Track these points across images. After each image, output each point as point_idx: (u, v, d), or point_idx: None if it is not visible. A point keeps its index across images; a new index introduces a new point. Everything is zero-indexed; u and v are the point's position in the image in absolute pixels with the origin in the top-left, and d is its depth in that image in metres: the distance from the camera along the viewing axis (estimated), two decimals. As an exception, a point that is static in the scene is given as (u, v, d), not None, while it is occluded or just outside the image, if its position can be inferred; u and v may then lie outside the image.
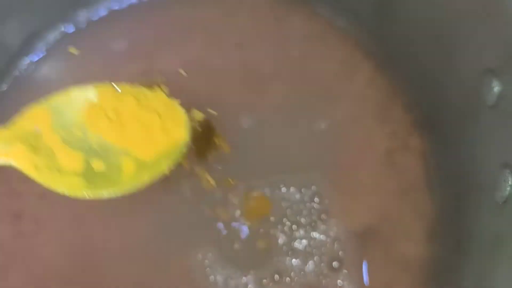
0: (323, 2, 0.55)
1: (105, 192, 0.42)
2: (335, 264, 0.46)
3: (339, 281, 0.46)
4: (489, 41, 0.39)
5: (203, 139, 0.49)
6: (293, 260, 0.46)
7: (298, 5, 0.55)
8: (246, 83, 0.53)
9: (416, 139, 0.50)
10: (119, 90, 0.45)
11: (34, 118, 0.43)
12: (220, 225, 0.48)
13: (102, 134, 0.44)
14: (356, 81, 0.52)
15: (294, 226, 0.47)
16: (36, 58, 0.55)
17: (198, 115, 0.48)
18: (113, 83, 0.46)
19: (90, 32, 0.56)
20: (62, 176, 0.42)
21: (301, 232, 0.47)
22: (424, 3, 0.44)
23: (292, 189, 0.49)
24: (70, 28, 0.56)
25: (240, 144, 0.50)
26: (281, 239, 0.47)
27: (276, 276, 0.46)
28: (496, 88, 0.38)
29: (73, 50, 0.55)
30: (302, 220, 0.48)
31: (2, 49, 0.52)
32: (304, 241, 0.47)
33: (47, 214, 0.49)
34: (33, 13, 0.52)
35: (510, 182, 0.37)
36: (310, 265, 0.46)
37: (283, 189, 0.48)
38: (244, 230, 0.48)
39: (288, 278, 0.46)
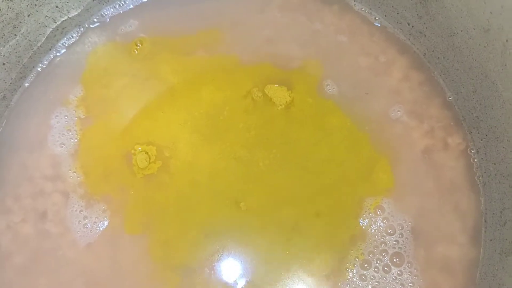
0: (358, -4, 0.53)
1: None
2: (366, 265, 0.45)
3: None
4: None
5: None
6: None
7: (331, 0, 0.54)
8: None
9: (456, 137, 0.48)
10: None
11: None
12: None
13: None
14: (391, 76, 0.51)
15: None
16: (59, 53, 0.54)
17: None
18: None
19: (114, 26, 0.55)
20: None
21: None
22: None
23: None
24: (93, 23, 0.55)
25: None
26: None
27: None
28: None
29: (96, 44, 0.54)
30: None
31: (26, 43, 0.50)
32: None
33: (73, 213, 0.48)
34: (57, 7, 0.51)
35: None
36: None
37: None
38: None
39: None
